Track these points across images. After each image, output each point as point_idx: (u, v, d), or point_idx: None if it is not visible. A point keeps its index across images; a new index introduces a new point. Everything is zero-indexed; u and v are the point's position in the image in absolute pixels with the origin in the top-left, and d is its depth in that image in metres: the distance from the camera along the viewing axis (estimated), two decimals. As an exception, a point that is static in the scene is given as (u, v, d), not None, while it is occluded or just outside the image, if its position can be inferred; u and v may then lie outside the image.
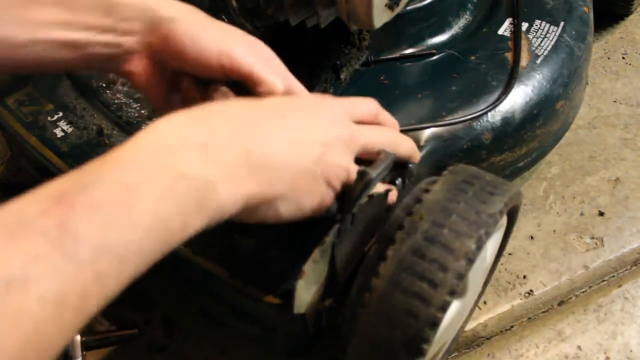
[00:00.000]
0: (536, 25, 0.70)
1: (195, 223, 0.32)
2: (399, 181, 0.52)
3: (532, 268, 0.78)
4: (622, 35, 1.13)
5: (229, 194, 0.33)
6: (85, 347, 0.68)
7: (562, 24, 0.70)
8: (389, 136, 0.46)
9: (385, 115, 0.48)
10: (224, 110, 0.36)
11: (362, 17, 0.52)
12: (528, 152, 0.67)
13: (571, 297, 0.77)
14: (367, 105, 0.46)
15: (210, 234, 0.51)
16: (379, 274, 0.46)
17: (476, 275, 0.57)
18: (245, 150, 0.34)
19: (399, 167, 0.49)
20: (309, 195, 0.39)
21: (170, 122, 0.33)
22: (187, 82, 0.44)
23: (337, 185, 0.41)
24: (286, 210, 0.38)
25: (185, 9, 0.42)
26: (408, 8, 0.64)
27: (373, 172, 0.45)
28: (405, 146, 0.48)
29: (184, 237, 0.32)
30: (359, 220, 0.47)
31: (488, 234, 0.47)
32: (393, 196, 0.47)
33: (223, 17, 0.60)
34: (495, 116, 0.61)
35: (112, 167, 0.30)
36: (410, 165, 0.49)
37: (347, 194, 0.43)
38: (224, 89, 0.43)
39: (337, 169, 0.40)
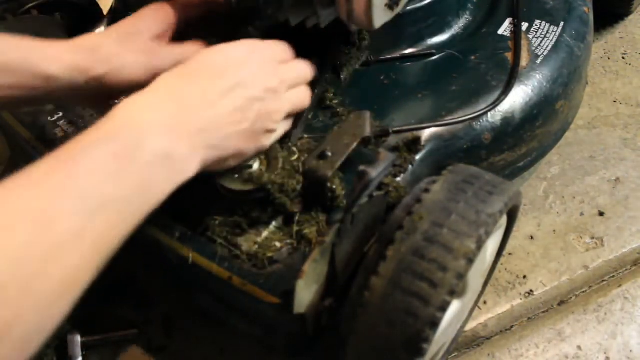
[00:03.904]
0: (536, 25, 0.70)
1: (166, 187, 0.40)
2: (400, 177, 0.52)
3: (532, 268, 0.78)
4: (622, 35, 1.13)
5: (190, 162, 0.42)
6: (85, 347, 0.68)
7: (562, 24, 0.70)
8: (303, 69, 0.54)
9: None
10: (179, 96, 0.44)
11: (362, 17, 0.52)
12: (528, 152, 0.67)
13: (571, 297, 0.77)
14: (281, 49, 0.53)
15: (211, 234, 0.52)
16: (378, 274, 0.46)
17: (476, 275, 0.57)
18: (199, 129, 0.43)
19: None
20: (252, 146, 0.48)
21: (138, 104, 0.42)
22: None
23: (277, 125, 0.50)
24: (234, 161, 0.48)
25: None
26: (408, 8, 0.64)
27: (373, 172, 0.45)
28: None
29: (159, 198, 0.40)
30: (359, 220, 0.47)
31: (488, 234, 0.47)
32: None
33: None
34: (495, 116, 0.61)
35: (102, 138, 0.38)
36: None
37: (297, 115, 0.54)
38: None
39: (275, 115, 0.49)
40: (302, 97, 0.53)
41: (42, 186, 0.34)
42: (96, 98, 0.54)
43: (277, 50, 0.51)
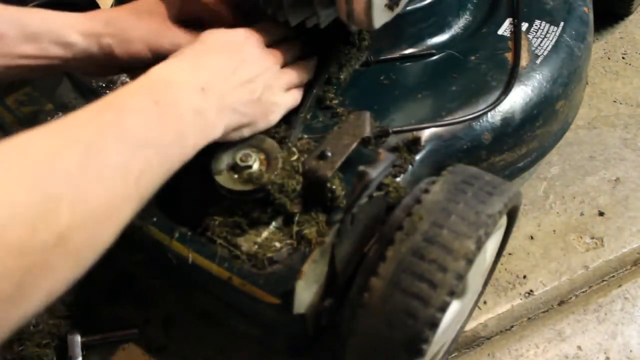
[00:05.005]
0: (536, 25, 0.70)
1: (198, 141, 0.45)
2: (400, 178, 0.52)
3: (532, 268, 0.78)
4: (622, 35, 1.13)
5: (218, 123, 0.47)
6: (85, 347, 0.68)
7: (562, 24, 0.70)
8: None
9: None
10: (203, 65, 0.48)
11: (362, 17, 0.52)
12: (528, 152, 0.67)
13: (571, 297, 0.77)
14: (272, 31, 0.58)
15: (211, 234, 0.52)
16: (378, 275, 0.46)
17: (476, 276, 0.57)
18: (223, 94, 0.48)
19: None
20: (263, 117, 0.53)
21: (172, 66, 0.47)
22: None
23: (278, 97, 0.55)
24: (248, 131, 0.53)
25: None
26: (408, 8, 0.64)
27: (373, 172, 0.45)
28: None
29: (191, 151, 0.44)
30: (359, 220, 0.47)
31: (487, 234, 0.47)
32: None
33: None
34: (495, 116, 0.61)
35: (143, 89, 0.43)
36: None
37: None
38: None
39: (275, 89, 0.54)
40: (299, 70, 0.58)
41: (91, 123, 0.37)
42: (108, 69, 0.58)
43: (269, 31, 0.57)
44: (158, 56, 0.55)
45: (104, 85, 0.66)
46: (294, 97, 0.57)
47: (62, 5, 0.72)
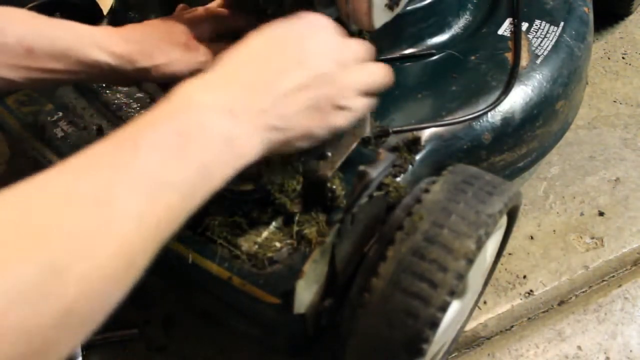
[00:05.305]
0: (536, 25, 0.70)
1: (227, 170, 0.39)
2: (400, 177, 0.52)
3: (532, 268, 0.78)
4: (622, 35, 1.13)
5: (253, 147, 0.41)
6: (85, 347, 0.68)
7: (562, 24, 0.70)
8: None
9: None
10: (238, 77, 0.42)
11: (362, 17, 0.52)
12: (528, 152, 0.67)
13: (571, 297, 0.77)
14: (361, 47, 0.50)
15: (211, 234, 0.52)
16: (378, 274, 0.46)
17: (476, 276, 0.57)
18: (260, 110, 0.41)
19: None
20: (321, 126, 0.45)
21: (197, 86, 0.40)
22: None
23: (349, 101, 0.46)
24: (305, 143, 0.45)
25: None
26: (408, 8, 0.64)
27: (373, 172, 0.45)
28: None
29: (219, 182, 0.38)
30: (359, 220, 0.47)
31: (488, 234, 0.47)
32: None
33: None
34: (495, 116, 0.61)
35: (162, 118, 0.37)
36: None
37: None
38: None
39: (345, 91, 0.46)
40: (376, 72, 0.49)
41: (103, 167, 0.33)
42: (137, 81, 0.56)
43: (356, 48, 0.48)
44: (192, 71, 0.53)
45: (104, 85, 0.66)
46: (368, 103, 0.48)
47: (62, 5, 0.72)
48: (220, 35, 0.58)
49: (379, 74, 0.49)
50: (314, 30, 0.46)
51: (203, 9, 0.59)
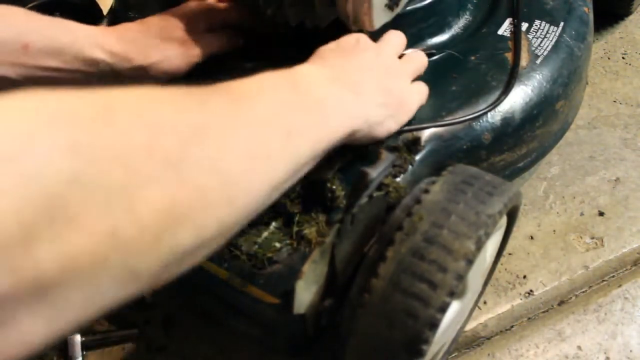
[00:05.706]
0: (536, 26, 0.69)
1: (344, 124, 0.44)
2: (400, 178, 0.52)
3: (532, 268, 0.78)
4: (622, 35, 1.13)
5: (359, 113, 0.46)
6: (85, 347, 0.68)
7: (562, 24, 0.70)
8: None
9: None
10: (332, 63, 0.47)
11: (362, 17, 0.52)
12: (528, 152, 0.67)
13: (571, 297, 0.77)
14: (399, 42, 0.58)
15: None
16: (378, 275, 0.46)
17: (476, 276, 0.57)
18: (358, 85, 0.46)
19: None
20: (402, 111, 0.53)
21: (317, 72, 0.45)
22: None
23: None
24: (393, 124, 0.52)
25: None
26: (408, 8, 0.64)
27: (373, 172, 0.45)
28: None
29: (337, 136, 0.43)
30: (359, 220, 0.47)
31: (487, 235, 0.47)
32: None
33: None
34: (495, 116, 0.61)
35: (277, 77, 0.41)
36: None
37: None
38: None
39: (406, 79, 0.54)
40: (417, 59, 0.57)
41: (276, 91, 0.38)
42: (136, 80, 0.57)
43: (396, 41, 0.56)
44: (191, 67, 0.56)
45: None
46: (423, 88, 0.57)
47: (62, 5, 0.72)
48: (214, 29, 0.59)
49: (420, 58, 0.58)
50: (372, 44, 0.52)
51: (197, 3, 0.59)
